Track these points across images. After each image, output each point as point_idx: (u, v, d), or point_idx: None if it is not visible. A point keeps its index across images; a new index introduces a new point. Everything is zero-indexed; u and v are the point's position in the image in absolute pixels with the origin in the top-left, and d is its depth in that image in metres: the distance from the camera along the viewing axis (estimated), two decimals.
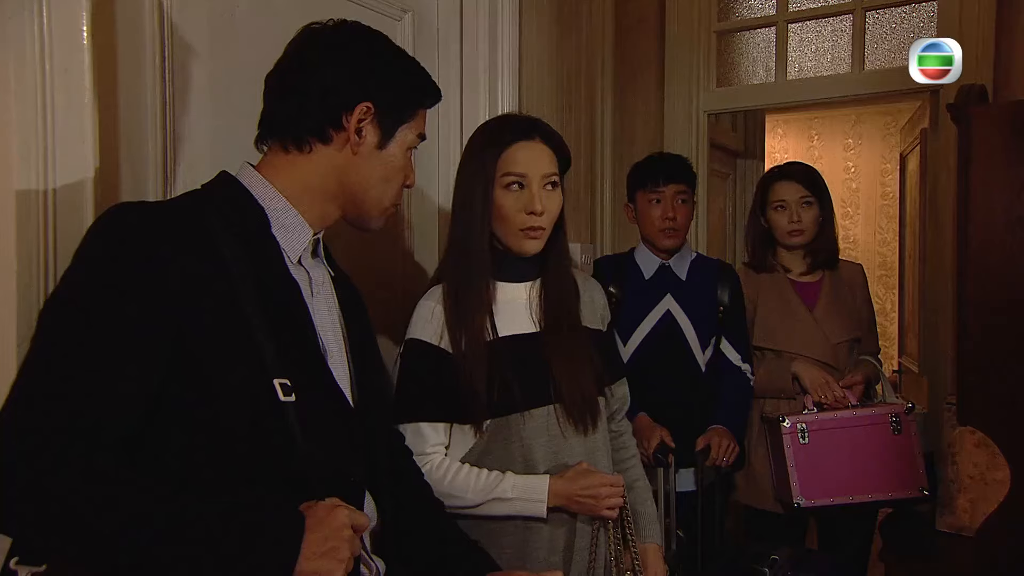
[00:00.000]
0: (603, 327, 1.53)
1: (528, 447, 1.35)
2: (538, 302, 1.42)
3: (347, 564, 0.81)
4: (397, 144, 1.05)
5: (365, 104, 1.00)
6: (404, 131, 1.06)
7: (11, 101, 1.03)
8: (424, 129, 1.10)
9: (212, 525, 0.78)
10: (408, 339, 1.38)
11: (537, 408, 1.35)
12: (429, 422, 1.34)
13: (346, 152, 1.01)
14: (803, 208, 2.16)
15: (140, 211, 0.91)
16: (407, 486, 1.20)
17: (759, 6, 2.86)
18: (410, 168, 1.10)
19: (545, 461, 1.35)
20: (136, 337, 0.82)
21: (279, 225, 1.00)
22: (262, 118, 1.04)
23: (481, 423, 1.34)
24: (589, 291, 1.53)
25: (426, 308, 1.38)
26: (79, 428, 0.77)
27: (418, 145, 1.11)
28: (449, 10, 1.90)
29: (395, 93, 1.04)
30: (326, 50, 1.02)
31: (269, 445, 0.89)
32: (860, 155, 6.06)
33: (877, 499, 2.00)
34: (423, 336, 1.36)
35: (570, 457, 1.37)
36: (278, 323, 0.92)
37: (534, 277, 1.43)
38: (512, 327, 1.38)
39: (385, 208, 1.09)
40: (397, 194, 1.10)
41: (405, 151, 1.07)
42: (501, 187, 1.34)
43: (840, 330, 2.16)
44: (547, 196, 1.35)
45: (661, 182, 2.06)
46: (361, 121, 1.01)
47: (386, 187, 1.06)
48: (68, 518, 0.75)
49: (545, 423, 1.36)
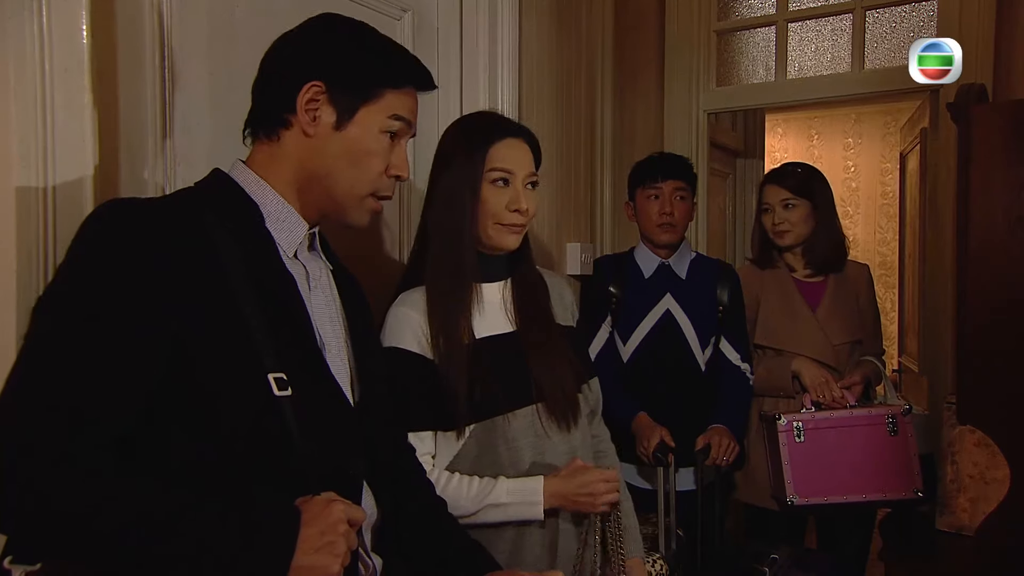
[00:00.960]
0: (573, 323, 1.52)
1: (515, 448, 1.34)
2: (511, 301, 1.41)
3: (344, 559, 0.81)
4: (360, 125, 1.00)
5: (315, 83, 0.98)
6: (369, 112, 1.00)
7: (11, 100, 1.03)
8: (404, 113, 1.04)
9: (208, 522, 0.78)
10: (386, 348, 1.31)
11: (521, 408, 1.35)
12: (414, 432, 1.30)
13: (305, 135, 1.00)
14: (785, 210, 2.17)
15: (134, 207, 0.90)
16: (408, 483, 1.20)
17: (759, 5, 2.86)
18: (398, 157, 1.05)
19: (532, 461, 1.35)
20: (133, 335, 0.82)
21: (273, 220, 1.00)
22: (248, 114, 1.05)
23: (464, 428, 1.32)
24: (557, 288, 1.52)
25: (401, 314, 1.34)
26: (76, 426, 0.77)
27: (399, 130, 1.04)
28: (449, 9, 1.90)
29: (350, 71, 1.00)
30: (285, 36, 1.03)
31: (266, 440, 0.88)
32: (860, 154, 6.06)
33: (871, 499, 2.01)
34: (401, 344, 1.32)
35: (554, 456, 1.36)
36: (274, 318, 0.92)
37: (506, 276, 1.42)
38: (489, 327, 1.37)
39: (360, 196, 1.03)
40: (374, 181, 1.03)
41: (377, 134, 1.01)
42: (487, 181, 1.33)
43: (841, 332, 2.16)
44: (528, 195, 1.35)
45: (659, 178, 2.08)
46: (313, 101, 0.98)
47: (356, 172, 1.01)
48: (64, 516, 0.75)
49: (530, 423, 1.35)
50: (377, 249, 1.74)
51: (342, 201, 1.02)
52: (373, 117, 1.01)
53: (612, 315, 2.11)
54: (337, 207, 1.03)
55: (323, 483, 0.88)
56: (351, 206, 1.03)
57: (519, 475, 1.34)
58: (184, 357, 0.84)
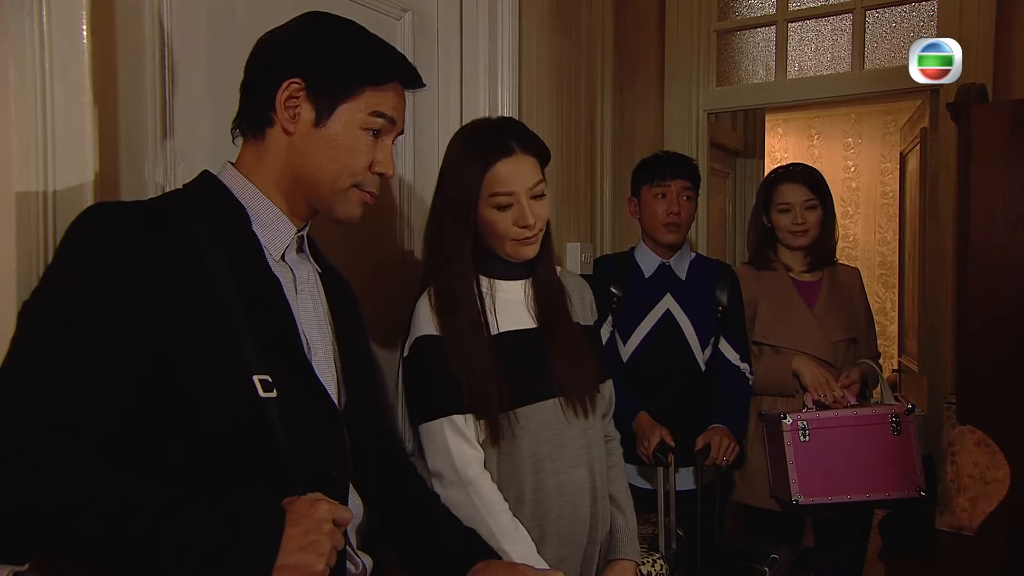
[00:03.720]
0: (592, 323, 1.56)
1: (537, 440, 1.37)
2: (533, 298, 1.44)
3: (329, 558, 0.81)
4: (340, 121, 0.99)
5: (294, 80, 0.98)
6: (348, 108, 0.99)
7: (11, 101, 1.03)
8: (386, 110, 1.02)
9: (193, 521, 0.78)
10: (418, 337, 1.36)
11: (544, 401, 1.38)
12: (460, 414, 1.33)
13: (286, 133, 0.99)
14: (807, 211, 2.18)
15: (117, 211, 0.90)
16: (399, 479, 1.20)
17: (759, 5, 2.86)
18: (382, 154, 1.03)
19: (551, 454, 1.37)
20: (116, 337, 0.82)
21: (260, 222, 1.00)
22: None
23: (496, 419, 1.34)
24: (578, 288, 1.56)
25: (427, 307, 1.38)
26: (58, 428, 0.78)
27: (381, 127, 1.02)
28: (449, 10, 1.90)
29: (328, 68, 0.99)
30: (269, 33, 1.03)
31: (251, 442, 0.89)
32: (860, 154, 6.06)
33: (875, 499, 2.01)
34: (432, 331, 1.36)
35: (572, 449, 1.39)
36: (259, 321, 0.92)
37: (528, 275, 1.45)
38: (512, 323, 1.40)
39: (342, 189, 1.02)
40: (355, 175, 1.01)
41: (357, 131, 1.00)
42: (490, 206, 1.35)
43: (839, 329, 2.17)
44: (536, 205, 1.37)
45: (668, 176, 2.08)
46: (292, 98, 0.98)
47: (336, 167, 1.00)
48: (48, 516, 0.75)
49: (551, 415, 1.38)
50: (378, 249, 1.74)
51: (326, 196, 1.02)
52: (352, 114, 1.00)
53: (613, 315, 2.12)
54: (323, 202, 1.03)
55: (308, 484, 0.88)
56: (336, 200, 1.02)
57: (537, 468, 1.36)
58: (167, 359, 0.85)
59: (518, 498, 1.36)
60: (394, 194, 1.78)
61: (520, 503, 1.36)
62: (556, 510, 1.38)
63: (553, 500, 1.37)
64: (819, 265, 2.23)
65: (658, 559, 1.67)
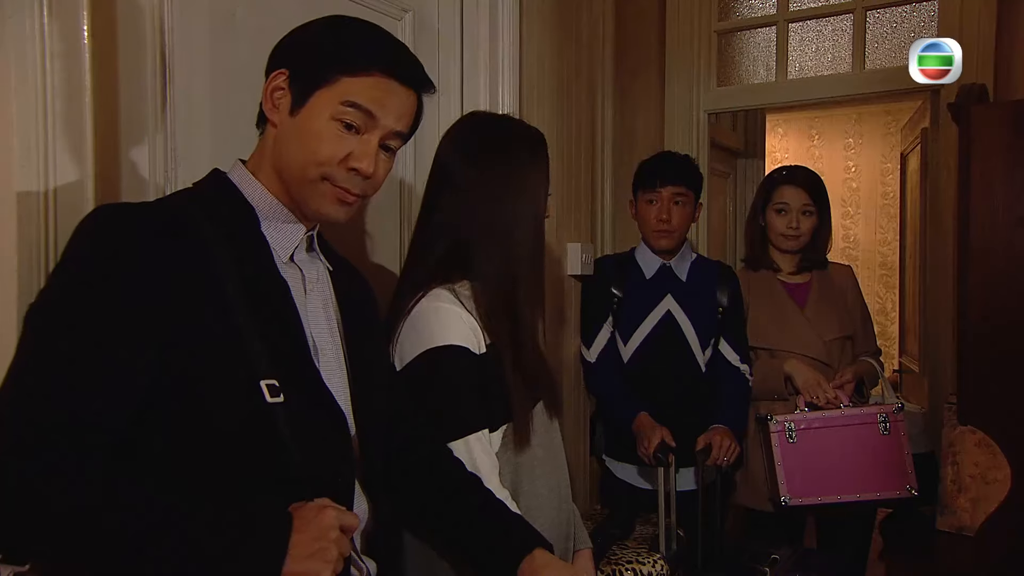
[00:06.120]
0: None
1: (537, 444, 1.35)
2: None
3: (336, 565, 0.81)
4: (311, 109, 0.95)
5: (281, 71, 0.97)
6: (321, 96, 0.95)
7: (11, 101, 1.03)
8: (362, 100, 0.96)
9: (199, 527, 0.78)
10: (444, 346, 1.23)
11: (538, 403, 1.37)
12: (486, 428, 1.26)
13: (273, 125, 0.99)
14: (803, 216, 2.18)
15: (124, 212, 0.90)
16: (420, 472, 1.16)
17: (759, 5, 2.86)
18: (360, 149, 0.97)
19: (543, 457, 1.36)
20: (123, 340, 0.82)
21: (268, 223, 0.99)
22: None
23: (526, 425, 1.31)
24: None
25: (444, 311, 1.26)
26: (66, 430, 0.77)
27: (358, 121, 0.96)
28: (449, 10, 1.90)
29: (308, 56, 0.97)
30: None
31: (258, 446, 0.88)
32: (861, 154, 6.05)
33: (865, 499, 2.00)
34: (462, 342, 1.24)
35: (553, 449, 1.39)
36: (266, 324, 0.92)
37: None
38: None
39: (310, 180, 0.96)
40: (320, 164, 0.95)
41: (326, 119, 0.95)
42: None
43: (832, 327, 2.16)
44: None
45: (657, 184, 2.07)
46: (279, 89, 0.97)
47: (303, 155, 0.95)
48: (54, 519, 0.75)
49: (541, 417, 1.37)
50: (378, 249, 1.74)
51: (299, 188, 0.97)
52: (324, 102, 0.95)
53: (613, 315, 2.12)
54: (299, 196, 0.98)
55: (315, 489, 0.88)
56: (307, 193, 0.97)
57: (537, 473, 1.34)
58: (174, 362, 0.84)
59: (526, 506, 1.30)
60: (394, 194, 1.78)
61: (528, 511, 1.31)
62: (553, 512, 1.35)
63: (551, 503, 1.36)
64: (809, 267, 2.23)
65: (659, 559, 1.67)
